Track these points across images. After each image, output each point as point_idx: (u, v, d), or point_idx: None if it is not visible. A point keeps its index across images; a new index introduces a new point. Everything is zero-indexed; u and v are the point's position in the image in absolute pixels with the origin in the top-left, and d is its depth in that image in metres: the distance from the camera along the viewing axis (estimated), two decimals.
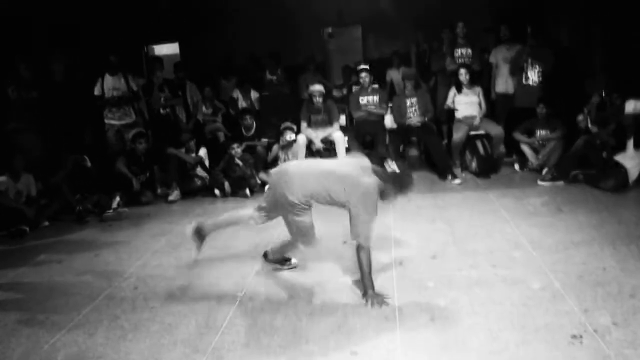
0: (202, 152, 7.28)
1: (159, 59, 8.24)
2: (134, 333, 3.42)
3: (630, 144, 5.98)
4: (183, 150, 7.11)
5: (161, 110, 7.84)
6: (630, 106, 6.04)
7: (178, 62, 8.91)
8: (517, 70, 7.47)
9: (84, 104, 7.41)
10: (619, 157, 5.98)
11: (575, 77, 7.28)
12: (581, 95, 6.92)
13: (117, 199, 6.52)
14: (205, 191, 7.08)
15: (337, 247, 4.71)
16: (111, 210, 6.32)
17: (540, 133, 6.95)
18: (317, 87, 7.51)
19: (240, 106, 8.36)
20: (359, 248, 3.56)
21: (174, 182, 6.95)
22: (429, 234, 4.93)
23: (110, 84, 7.35)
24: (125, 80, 7.44)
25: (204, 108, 8.37)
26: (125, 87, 7.43)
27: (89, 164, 6.90)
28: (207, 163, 7.33)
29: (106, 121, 7.45)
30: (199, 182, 7.11)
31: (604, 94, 6.53)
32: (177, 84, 8.22)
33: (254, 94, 8.60)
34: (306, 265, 4.36)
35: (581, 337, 3.00)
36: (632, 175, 5.91)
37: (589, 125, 6.54)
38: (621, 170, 5.89)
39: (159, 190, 7.09)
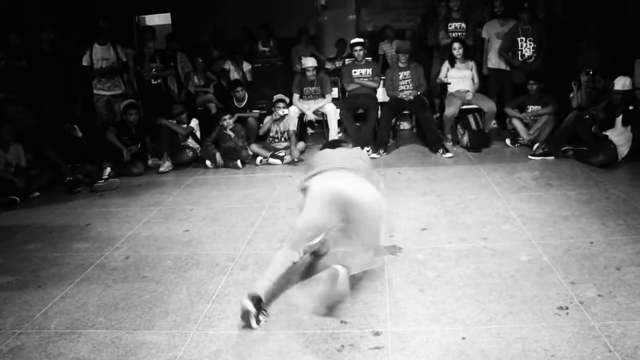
0: (194, 123, 7.25)
1: (151, 29, 8.14)
2: (125, 302, 3.45)
3: (619, 120, 6.00)
4: (174, 121, 7.07)
5: (152, 81, 7.76)
6: (620, 83, 6.05)
7: (170, 33, 8.82)
8: (510, 47, 7.46)
9: (73, 73, 7.33)
10: (609, 133, 6.00)
11: (569, 52, 7.26)
12: (574, 71, 6.92)
13: (108, 169, 6.49)
14: (197, 162, 7.07)
15: None
16: (102, 181, 6.31)
17: (532, 108, 6.95)
18: (310, 62, 7.48)
19: (232, 78, 8.31)
20: None
21: (165, 153, 6.93)
22: (419, 207, 4.96)
23: (99, 54, 7.25)
24: (114, 51, 7.34)
25: (195, 79, 8.32)
26: (115, 57, 7.34)
27: (79, 133, 6.87)
28: (198, 134, 7.31)
29: (95, 91, 7.36)
30: (190, 153, 7.09)
31: (591, 72, 6.54)
32: (168, 54, 8.15)
33: (246, 66, 8.54)
34: None
35: (567, 308, 3.05)
36: (621, 152, 5.95)
37: (578, 101, 6.55)
38: (611, 146, 5.92)
39: (150, 161, 7.07)
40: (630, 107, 6.05)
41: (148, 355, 2.84)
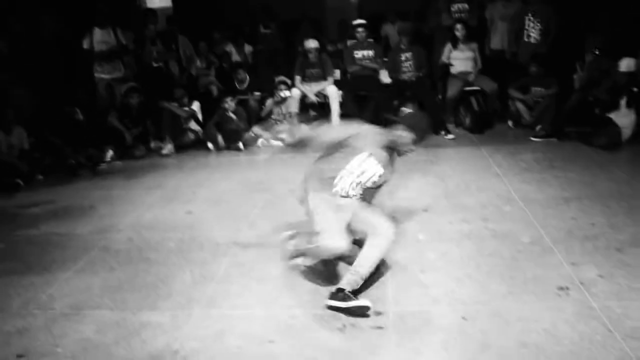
0: (195, 105, 7.24)
1: (153, 12, 8.09)
2: (129, 284, 3.48)
3: (623, 102, 5.98)
4: (176, 104, 7.06)
5: (154, 64, 7.74)
6: (625, 64, 6.02)
7: (171, 15, 8.77)
8: (517, 29, 7.41)
9: (73, 57, 7.31)
10: (612, 116, 5.99)
11: (577, 33, 7.20)
12: (580, 52, 6.88)
13: (110, 152, 6.50)
14: (199, 145, 7.08)
15: None
16: (104, 164, 6.32)
17: (535, 90, 6.93)
18: (312, 44, 7.44)
19: (233, 60, 8.29)
20: None
21: (167, 135, 6.94)
22: (421, 188, 4.97)
23: (99, 38, 7.21)
24: (114, 34, 7.31)
25: (197, 62, 8.29)
26: (115, 40, 7.31)
27: (80, 117, 6.86)
28: (200, 117, 7.30)
29: (96, 75, 7.34)
30: (192, 136, 7.10)
31: (597, 52, 6.50)
32: (170, 37, 8.10)
33: (247, 48, 8.51)
34: (299, 218, 4.39)
35: (568, 289, 3.08)
36: (625, 134, 5.94)
37: (582, 82, 6.53)
38: (614, 128, 5.91)
39: (152, 144, 7.07)
40: (635, 89, 6.03)
41: (152, 335, 2.88)
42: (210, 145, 6.90)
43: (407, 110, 3.58)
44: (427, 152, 6.13)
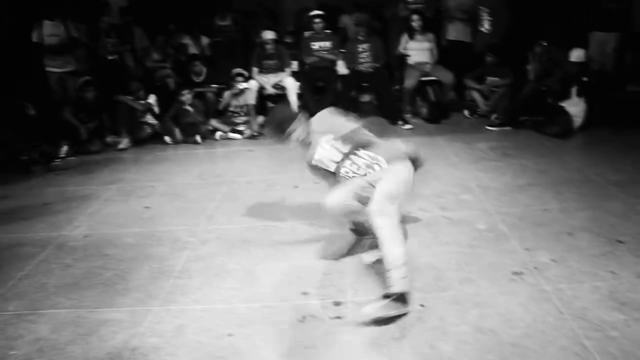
0: (152, 99, 7.13)
1: (106, 3, 7.92)
2: (86, 281, 3.42)
3: (574, 91, 6.14)
4: (132, 97, 6.95)
5: (109, 57, 7.59)
6: (575, 55, 6.19)
7: (125, 7, 8.59)
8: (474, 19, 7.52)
9: (24, 50, 7.10)
10: (564, 104, 6.14)
11: (531, 24, 7.32)
12: (533, 42, 7.01)
13: (65, 147, 6.37)
14: (156, 138, 6.98)
15: (289, 191, 4.76)
16: (59, 160, 6.18)
17: (490, 80, 7.05)
18: (269, 35, 7.41)
19: (190, 52, 8.18)
20: None
21: (123, 130, 6.83)
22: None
23: (48, 30, 7.01)
24: (64, 27, 7.13)
25: (154, 54, 8.15)
26: (65, 33, 7.13)
27: (32, 111, 6.68)
28: (156, 110, 7.19)
29: (47, 69, 7.17)
30: (149, 130, 7.00)
31: (545, 44, 6.66)
32: (124, 29, 7.95)
33: (204, 40, 8.41)
34: (257, 211, 4.40)
35: (522, 274, 3.16)
36: (576, 122, 6.10)
37: (535, 72, 6.67)
38: (566, 117, 6.06)
39: (108, 139, 6.95)
40: (585, 79, 6.20)
41: (110, 332, 2.84)
42: (167, 138, 6.82)
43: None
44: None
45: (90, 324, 2.93)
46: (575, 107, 6.11)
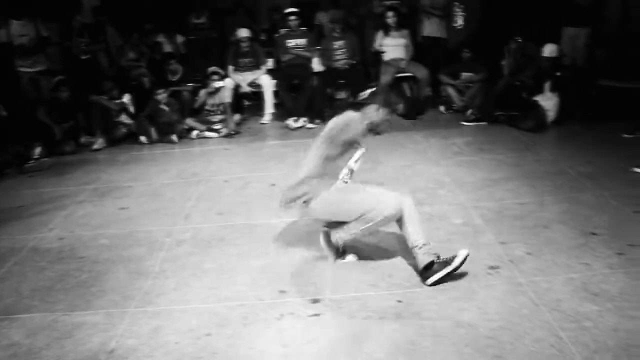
0: (126, 98, 7.04)
1: (78, 2, 7.81)
2: (61, 283, 3.38)
3: (547, 86, 6.23)
4: (106, 97, 6.87)
5: (82, 56, 7.49)
6: (548, 50, 6.28)
7: (97, 6, 8.48)
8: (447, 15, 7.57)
9: None
10: (538, 99, 6.22)
11: (505, 20, 7.39)
12: (508, 38, 7.08)
13: (38, 149, 6.27)
14: (131, 138, 6.89)
15: (265, 189, 4.75)
16: (32, 161, 6.09)
17: (465, 75, 7.10)
18: (244, 33, 7.38)
19: (165, 51, 8.11)
20: None
21: (98, 130, 6.74)
22: (356, 174, 5.00)
23: (17, 30, 6.89)
24: (34, 26, 7.00)
25: (129, 53, 8.06)
26: (35, 32, 7.01)
27: (4, 112, 6.57)
28: (131, 109, 7.11)
29: (18, 69, 7.03)
30: (124, 130, 6.92)
31: (520, 40, 6.74)
32: (97, 28, 7.85)
33: (179, 38, 8.35)
34: (234, 209, 4.39)
35: (498, 267, 3.19)
36: (549, 116, 6.17)
37: (509, 68, 6.75)
38: (540, 111, 6.13)
39: (82, 139, 6.84)
40: (558, 74, 6.28)
41: (85, 335, 2.81)
42: (143, 138, 6.73)
43: (366, 91, 3.59)
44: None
45: (65, 327, 2.90)
46: (548, 101, 6.19)
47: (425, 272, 3.06)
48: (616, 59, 6.41)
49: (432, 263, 3.05)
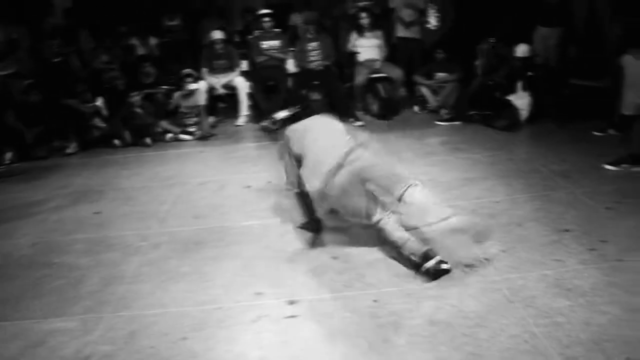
0: (99, 101, 6.97)
1: (49, 4, 7.70)
2: (33, 291, 3.33)
3: (520, 85, 6.32)
4: (78, 100, 6.78)
5: (53, 59, 7.39)
6: (520, 50, 6.37)
7: (69, 8, 8.38)
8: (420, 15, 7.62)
9: None
10: (511, 98, 6.30)
11: (479, 21, 7.46)
12: (481, 39, 7.15)
13: (9, 154, 6.18)
14: (105, 142, 6.79)
15: (241, 191, 4.74)
16: (3, 167, 6.00)
17: (439, 75, 7.15)
18: (218, 34, 7.35)
19: (138, 53, 8.04)
20: None
21: (70, 134, 6.65)
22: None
23: None
24: (1, 29, 6.88)
25: (102, 56, 7.97)
26: (2, 35, 6.88)
27: None
28: (105, 112, 7.03)
29: None
30: (97, 133, 6.84)
31: (492, 41, 6.82)
32: (69, 30, 7.75)
33: (152, 41, 8.28)
34: (210, 212, 4.36)
35: (473, 265, 3.22)
36: (522, 115, 6.25)
37: (481, 68, 6.83)
38: (513, 110, 6.21)
39: (55, 143, 6.74)
40: (530, 73, 6.37)
41: (59, 343, 2.77)
42: (116, 141, 6.66)
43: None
44: None
45: (37, 335, 2.86)
46: (521, 100, 6.27)
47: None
48: (585, 57, 6.51)
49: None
